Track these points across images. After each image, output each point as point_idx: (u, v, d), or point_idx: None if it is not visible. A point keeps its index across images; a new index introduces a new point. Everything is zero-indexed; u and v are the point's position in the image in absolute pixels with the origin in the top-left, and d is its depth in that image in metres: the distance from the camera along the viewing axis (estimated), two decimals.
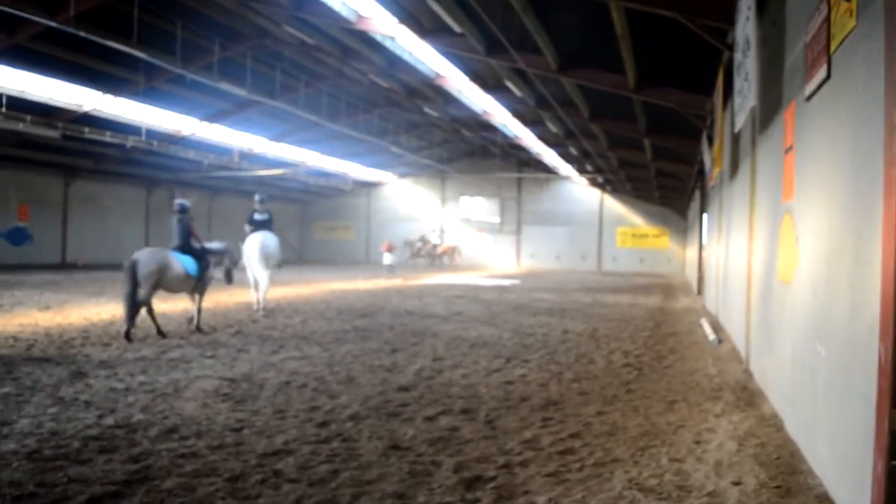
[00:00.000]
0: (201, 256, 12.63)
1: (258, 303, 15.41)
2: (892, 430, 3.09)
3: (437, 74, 22.94)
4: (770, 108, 7.71)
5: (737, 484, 4.93)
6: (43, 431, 5.87)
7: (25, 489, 4.55)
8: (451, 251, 38.23)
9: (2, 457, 5.18)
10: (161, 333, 11.63)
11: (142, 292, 11.34)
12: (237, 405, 7.00)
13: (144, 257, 11.57)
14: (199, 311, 12.57)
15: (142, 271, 11.36)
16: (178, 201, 13.11)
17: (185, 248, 12.42)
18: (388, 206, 54.05)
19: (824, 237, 4.97)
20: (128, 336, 11.03)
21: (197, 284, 12.52)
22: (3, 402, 6.83)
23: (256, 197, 16.08)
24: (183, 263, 12.06)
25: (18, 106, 23.50)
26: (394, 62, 22.54)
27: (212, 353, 10.10)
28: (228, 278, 13.79)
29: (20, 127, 23.72)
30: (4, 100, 22.76)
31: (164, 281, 11.71)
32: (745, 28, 7.43)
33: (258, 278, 15.41)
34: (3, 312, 13.90)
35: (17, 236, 32.39)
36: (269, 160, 38.27)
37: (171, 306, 15.74)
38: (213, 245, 13.50)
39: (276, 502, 4.49)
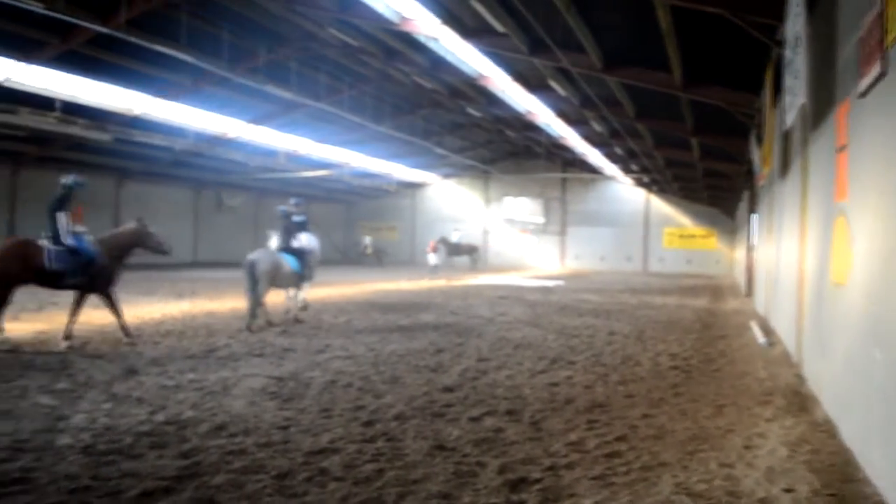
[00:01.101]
0: (301, 255, 14.12)
1: (301, 302, 15.54)
2: None
3: (481, 75, 22.88)
4: (822, 105, 7.54)
5: (789, 491, 4.82)
6: (97, 426, 6.01)
7: (81, 482, 4.67)
8: (471, 251, 37.78)
9: (58, 451, 5.33)
10: (271, 323, 13.16)
11: (260, 288, 12.83)
12: (284, 403, 7.09)
13: (261, 257, 13.13)
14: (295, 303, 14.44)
15: (260, 269, 12.85)
16: (281, 208, 14.86)
17: (287, 249, 13.97)
18: (432, 206, 54.12)
19: (880, 238, 4.84)
20: (250, 328, 12.46)
21: (298, 280, 14.14)
22: (59, 397, 7.02)
23: (292, 200, 16.57)
24: (289, 262, 13.64)
25: (71, 110, 24.09)
26: (437, 63, 22.57)
27: (259, 351, 10.24)
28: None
29: (73, 131, 24.34)
30: (59, 104, 23.35)
31: (277, 278, 13.27)
32: (796, 24, 7.28)
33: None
34: (58, 311, 14.25)
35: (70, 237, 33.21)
36: (315, 161, 38.62)
37: (217, 306, 15.99)
38: (306, 245, 14.74)
39: (322, 500, 4.53)
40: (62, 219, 10.91)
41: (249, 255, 13.24)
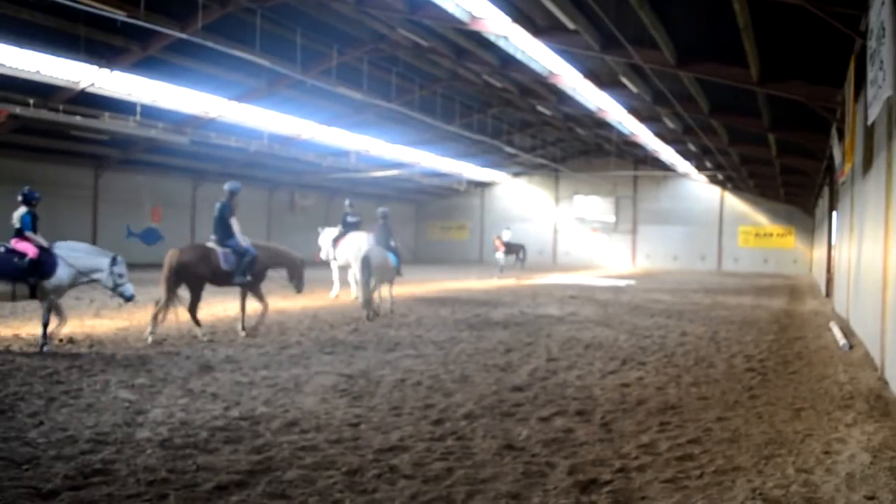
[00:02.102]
0: (398, 253, 15.85)
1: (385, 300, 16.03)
2: None
3: (551, 73, 22.73)
4: None
5: (871, 499, 4.64)
6: (174, 421, 6.20)
7: (158, 475, 4.82)
8: (517, 251, 37.12)
9: (137, 443, 5.52)
10: (377, 314, 14.66)
11: (374, 281, 14.44)
12: (354, 401, 7.18)
13: (375, 253, 14.77)
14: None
15: (374, 264, 14.44)
16: (381, 209, 16.23)
17: (387, 247, 15.55)
18: (502, 205, 54.00)
19: None
20: (369, 318, 14.10)
21: (396, 275, 15.75)
22: (138, 392, 7.26)
23: (347, 202, 17.95)
24: (392, 258, 15.40)
25: (151, 114, 24.99)
26: (507, 61, 22.51)
27: (330, 349, 10.40)
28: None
29: (152, 134, 25.22)
30: (139, 109, 24.20)
31: (384, 273, 14.91)
32: (881, 13, 6.99)
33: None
34: (138, 308, 14.72)
35: (150, 236, 34.39)
36: (385, 161, 39.02)
37: (289, 304, 16.30)
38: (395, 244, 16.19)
39: (391, 497, 4.57)
40: (236, 224, 12.00)
41: (365, 252, 14.79)
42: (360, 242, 16.94)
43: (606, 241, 50.96)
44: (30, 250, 9.58)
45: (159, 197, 34.85)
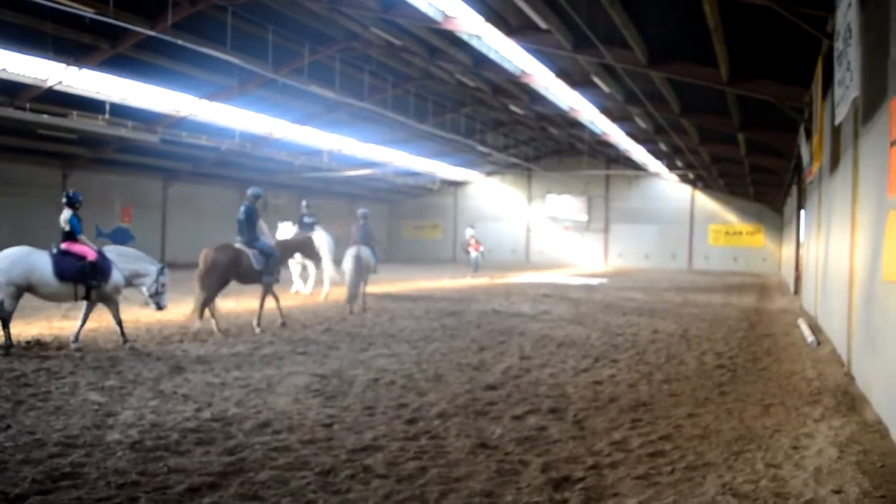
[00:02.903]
0: (375, 252, 16.87)
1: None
2: None
3: (523, 72, 22.82)
4: (874, 98, 7.35)
5: (837, 492, 4.71)
6: (144, 423, 6.13)
7: (129, 477, 4.77)
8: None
9: (107, 446, 5.45)
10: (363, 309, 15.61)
11: (363, 277, 15.64)
12: (327, 401, 7.15)
13: (363, 252, 15.94)
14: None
15: (364, 261, 15.71)
16: (361, 210, 17.32)
17: (368, 246, 16.52)
18: (475, 204, 54.07)
19: None
20: (352, 311, 15.13)
21: (372, 273, 16.69)
22: (108, 394, 7.18)
23: (303, 202, 18.90)
24: (371, 257, 16.42)
25: (121, 112, 24.64)
26: (480, 61, 22.55)
27: (303, 349, 10.35)
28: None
29: (122, 133, 24.88)
30: (108, 107, 23.87)
31: (367, 271, 16.06)
32: (847, 14, 7.11)
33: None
34: (105, 310, 14.54)
35: (121, 237, 33.96)
36: (358, 160, 38.89)
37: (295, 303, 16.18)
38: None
39: (365, 497, 4.56)
40: (263, 226, 13.17)
41: (354, 250, 15.80)
42: (319, 241, 17.12)
43: (579, 239, 51.24)
44: (88, 253, 10.00)
45: (129, 197, 34.42)
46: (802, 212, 22.72)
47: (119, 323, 10.28)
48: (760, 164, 26.44)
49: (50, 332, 11.30)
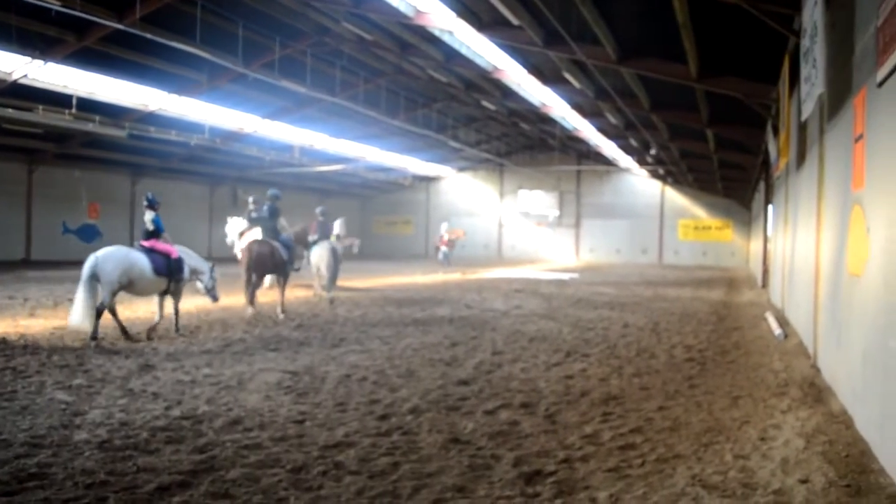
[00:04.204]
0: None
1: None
2: None
3: (495, 68, 22.87)
4: (839, 95, 7.46)
5: (804, 482, 4.79)
6: (113, 422, 6.06)
7: (97, 477, 4.70)
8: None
9: (75, 446, 5.37)
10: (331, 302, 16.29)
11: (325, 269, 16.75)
12: (299, 398, 7.12)
13: (336, 246, 17.53)
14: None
15: (338, 256, 17.31)
16: (320, 208, 18.64)
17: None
18: (447, 200, 54.13)
19: None
20: (332, 301, 16.19)
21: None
22: (75, 393, 7.07)
23: (250, 198, 19.21)
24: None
25: (88, 107, 24.25)
26: (452, 56, 22.56)
27: (274, 346, 10.29)
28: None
29: (89, 127, 24.50)
30: (75, 101, 23.50)
31: (339, 262, 17.59)
32: (814, 12, 7.20)
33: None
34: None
35: (88, 233, 33.50)
36: (329, 156, 38.70)
37: (233, 300, 16.07)
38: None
39: (337, 494, 4.55)
40: (284, 222, 14.97)
41: (325, 245, 17.02)
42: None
43: (551, 234, 51.50)
44: (172, 251, 11.12)
45: (97, 192, 33.93)
46: (770, 207, 23.04)
47: (177, 312, 11.36)
48: (729, 160, 26.73)
49: (16, 332, 11.10)
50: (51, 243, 31.91)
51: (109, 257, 10.31)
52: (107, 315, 10.56)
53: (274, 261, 13.95)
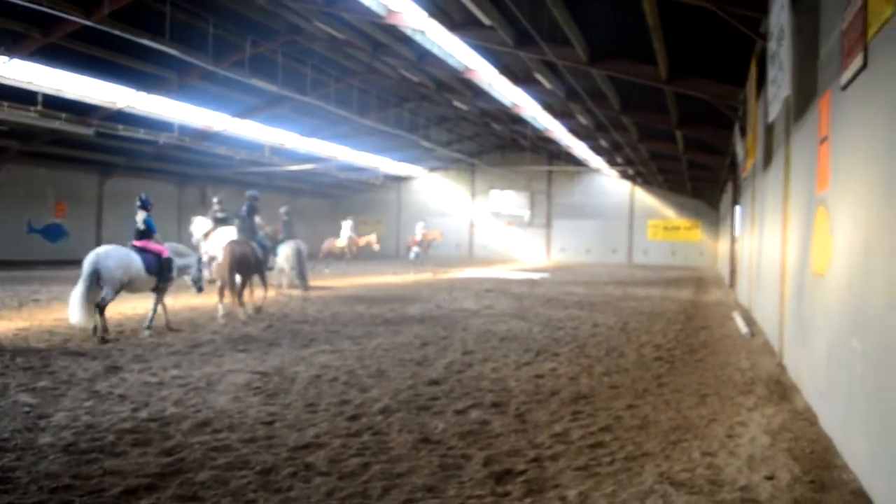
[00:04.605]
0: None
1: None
2: None
3: (467, 68, 22.89)
4: (805, 97, 7.58)
5: (770, 478, 4.87)
6: (79, 424, 5.97)
7: (62, 481, 4.64)
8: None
9: (39, 449, 5.29)
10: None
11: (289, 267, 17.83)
12: (269, 399, 7.07)
13: (301, 245, 18.09)
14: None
15: (304, 255, 18.27)
16: (284, 208, 19.22)
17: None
18: (419, 200, 54.08)
19: (860, 229, 4.88)
20: (307, 289, 17.79)
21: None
22: (40, 395, 6.96)
23: (215, 199, 19.77)
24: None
25: (54, 104, 23.83)
26: (423, 56, 22.55)
27: (243, 346, 10.21)
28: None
29: (56, 125, 24.09)
30: (40, 98, 23.09)
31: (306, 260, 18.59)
32: (780, 16, 7.31)
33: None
34: (40, 307, 14.18)
35: (54, 232, 32.97)
36: (301, 155, 38.44)
37: (201, 301, 15.93)
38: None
39: (307, 495, 4.53)
40: (259, 221, 15.18)
41: (295, 243, 17.85)
42: (229, 236, 17.03)
43: (522, 234, 51.67)
44: (163, 250, 11.61)
45: (63, 191, 33.37)
46: (737, 207, 23.33)
47: (155, 311, 11.57)
48: (698, 161, 27.03)
49: None
50: (15, 243, 31.32)
51: (111, 255, 10.69)
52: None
53: (254, 260, 14.08)
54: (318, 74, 26.62)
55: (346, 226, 32.39)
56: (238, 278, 13.72)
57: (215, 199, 20.17)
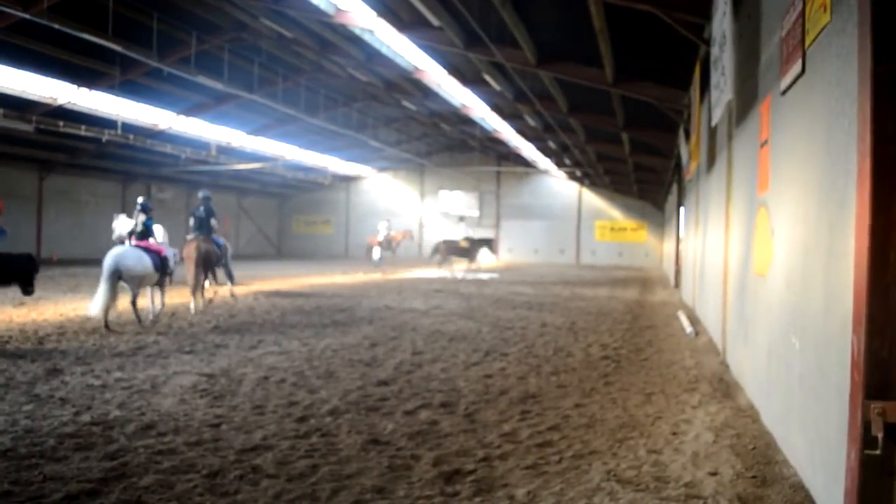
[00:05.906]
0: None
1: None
2: (866, 421, 3.13)
3: (416, 68, 22.88)
4: (746, 102, 7.77)
5: (713, 474, 4.98)
6: (18, 429, 5.80)
7: (0, 488, 4.49)
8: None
9: None
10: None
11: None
12: (215, 401, 6.97)
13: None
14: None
15: (230, 251, 17.58)
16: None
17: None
18: (368, 199, 53.85)
19: (799, 230, 5.02)
20: (233, 295, 17.17)
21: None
22: None
23: (139, 199, 19.30)
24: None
25: None
26: (372, 56, 22.47)
27: (189, 348, 10.04)
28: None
29: None
30: None
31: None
32: (722, 22, 7.48)
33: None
34: None
35: None
36: (248, 154, 37.96)
37: (146, 301, 15.61)
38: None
39: (254, 498, 4.47)
40: (215, 223, 15.49)
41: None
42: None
43: (470, 235, 51.77)
44: (162, 249, 12.45)
45: (1, 188, 32.34)
46: (682, 209, 23.77)
47: (163, 304, 12.91)
48: (643, 163, 27.49)
49: None
50: None
51: (129, 255, 11.75)
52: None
53: (215, 259, 15.05)
54: (266, 72, 26.34)
55: (383, 226, 32.75)
56: (200, 274, 14.44)
57: (139, 199, 19.75)
